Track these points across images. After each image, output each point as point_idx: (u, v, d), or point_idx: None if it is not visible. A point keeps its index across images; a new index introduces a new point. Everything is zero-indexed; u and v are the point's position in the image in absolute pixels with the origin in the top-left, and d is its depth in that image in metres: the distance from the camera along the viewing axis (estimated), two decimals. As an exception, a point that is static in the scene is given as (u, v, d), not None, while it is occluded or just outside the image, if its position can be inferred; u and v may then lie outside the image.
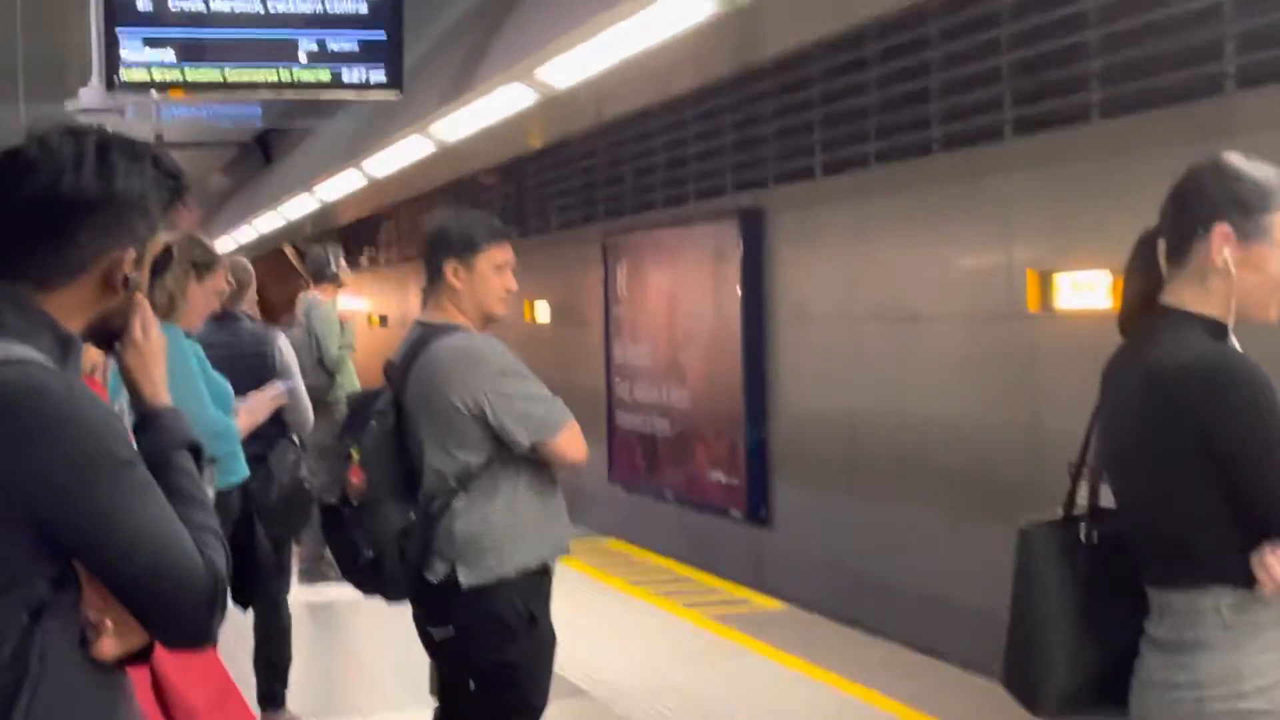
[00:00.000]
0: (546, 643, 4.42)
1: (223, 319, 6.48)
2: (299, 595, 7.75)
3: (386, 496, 4.25)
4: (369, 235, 22.29)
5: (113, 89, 8.56)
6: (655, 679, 7.40)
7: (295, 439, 6.61)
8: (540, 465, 4.35)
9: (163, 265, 2.33)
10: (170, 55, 8.26)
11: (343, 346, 9.79)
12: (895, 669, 7.44)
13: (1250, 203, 2.87)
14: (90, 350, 2.60)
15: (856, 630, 8.37)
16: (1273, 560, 2.72)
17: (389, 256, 21.45)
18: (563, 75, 8.63)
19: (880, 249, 8.99)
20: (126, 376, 2.33)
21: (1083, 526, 3.01)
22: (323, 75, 8.43)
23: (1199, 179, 2.92)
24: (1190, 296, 2.89)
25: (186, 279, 5.46)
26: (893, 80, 8.65)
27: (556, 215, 14.50)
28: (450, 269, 4.41)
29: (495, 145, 12.17)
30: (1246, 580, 2.75)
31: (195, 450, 2.31)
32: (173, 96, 8.90)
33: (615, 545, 11.66)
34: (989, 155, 7.89)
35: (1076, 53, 7.19)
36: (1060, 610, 2.98)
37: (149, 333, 2.33)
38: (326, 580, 8.78)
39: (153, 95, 8.80)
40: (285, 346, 6.79)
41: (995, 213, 7.88)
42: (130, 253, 2.22)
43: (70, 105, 10.02)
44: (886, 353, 8.91)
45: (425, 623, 4.43)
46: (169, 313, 5.37)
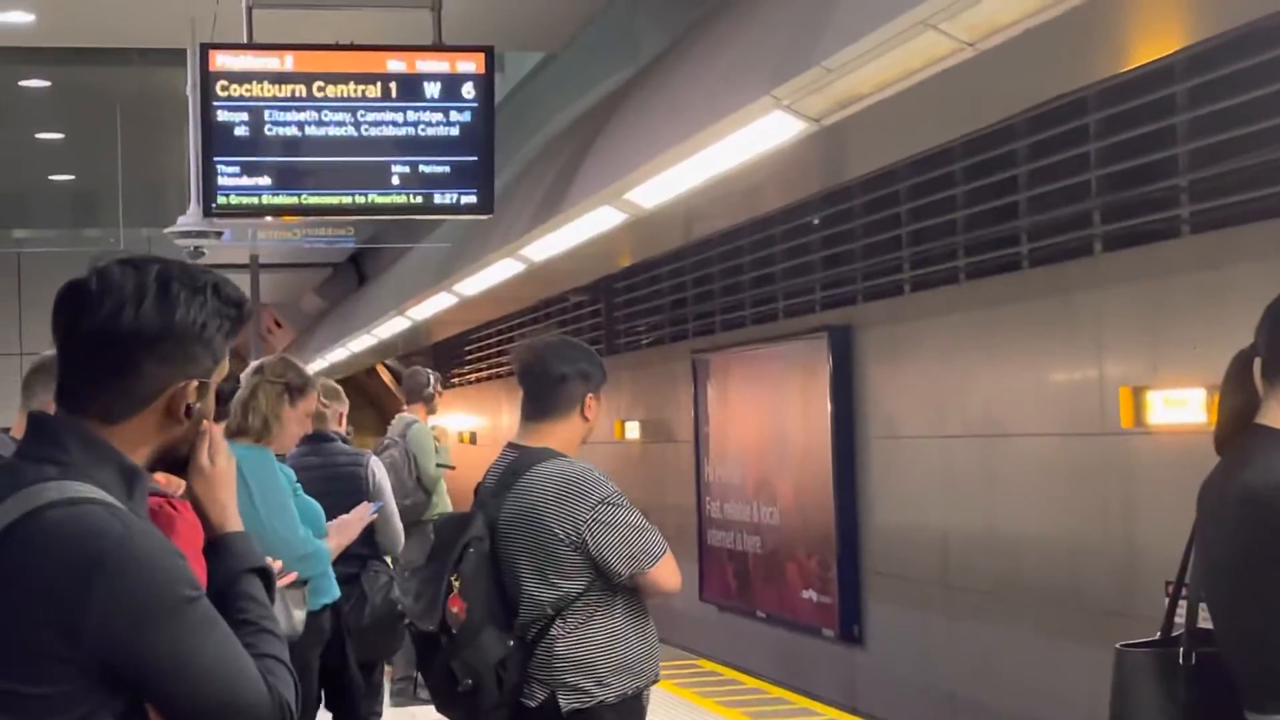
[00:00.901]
0: (645, 766, 4.39)
1: (315, 440, 6.53)
2: (390, 716, 7.74)
3: (484, 624, 4.24)
4: (458, 353, 22.45)
5: (210, 215, 8.72)
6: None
7: (387, 560, 6.63)
8: (635, 592, 4.34)
9: (231, 390, 2.35)
10: (267, 180, 8.41)
11: (440, 465, 9.84)
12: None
13: None
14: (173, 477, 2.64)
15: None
16: None
17: (478, 374, 21.59)
18: (651, 196, 8.69)
19: (970, 365, 8.96)
20: (194, 502, 2.34)
21: (1182, 649, 2.96)
22: (415, 199, 8.54)
23: None
24: None
25: (280, 402, 5.51)
26: (981, 196, 8.66)
27: (646, 333, 14.56)
28: (589, 401, 4.44)
29: (585, 264, 12.25)
30: None
31: (265, 575, 2.32)
32: (269, 221, 9.04)
33: (707, 665, 11.58)
34: (1079, 270, 7.87)
35: (1166, 167, 7.17)
36: None
37: (215, 459, 2.33)
38: (418, 701, 8.77)
39: (250, 221, 8.94)
40: (378, 467, 6.82)
41: (1086, 329, 7.83)
42: (193, 383, 2.24)
43: (169, 231, 10.21)
44: (978, 470, 8.84)
45: (523, 750, 4.40)
46: (262, 435, 5.43)
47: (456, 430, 21.70)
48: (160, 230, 10.97)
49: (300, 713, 2.23)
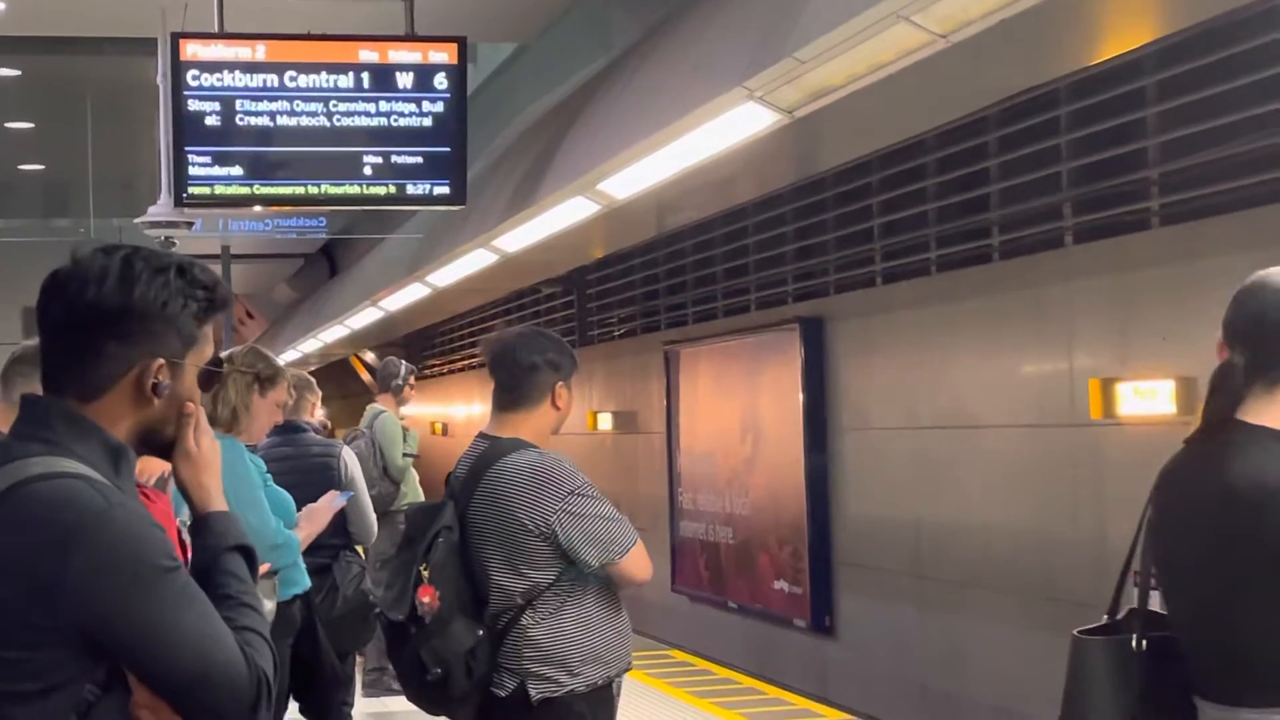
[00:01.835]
0: (615, 755, 4.40)
1: (286, 430, 6.52)
2: (363, 706, 7.73)
3: (454, 614, 4.24)
4: (431, 344, 22.43)
5: (181, 205, 8.70)
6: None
7: (359, 551, 6.62)
8: (607, 582, 4.35)
9: (217, 378, 2.37)
10: (238, 170, 8.39)
11: (406, 455, 9.83)
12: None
13: None
14: (153, 461, 2.65)
15: (923, 742, 8.27)
16: None
17: (451, 366, 21.57)
18: (624, 187, 8.70)
19: (942, 357, 8.98)
20: (180, 484, 2.39)
21: (1135, 635, 2.98)
22: (387, 189, 8.54)
23: None
24: (1268, 414, 2.87)
25: (249, 392, 5.50)
26: (952, 189, 8.69)
27: (618, 324, 14.57)
28: (560, 390, 4.44)
29: (557, 255, 12.25)
30: None
31: (247, 553, 2.35)
32: (240, 211, 9.02)
33: (679, 656, 11.60)
34: (1050, 263, 7.90)
35: (1136, 160, 7.21)
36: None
37: (200, 442, 2.38)
38: (390, 691, 8.77)
39: (221, 212, 8.91)
40: (350, 458, 6.81)
41: (1057, 321, 7.86)
42: (158, 361, 2.27)
43: (139, 221, 10.17)
44: (949, 461, 8.87)
45: (493, 737, 4.40)
46: (231, 426, 5.41)
47: (430, 420, 21.68)
48: (131, 220, 10.92)
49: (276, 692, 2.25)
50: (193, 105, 8.30)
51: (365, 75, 8.42)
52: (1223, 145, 6.62)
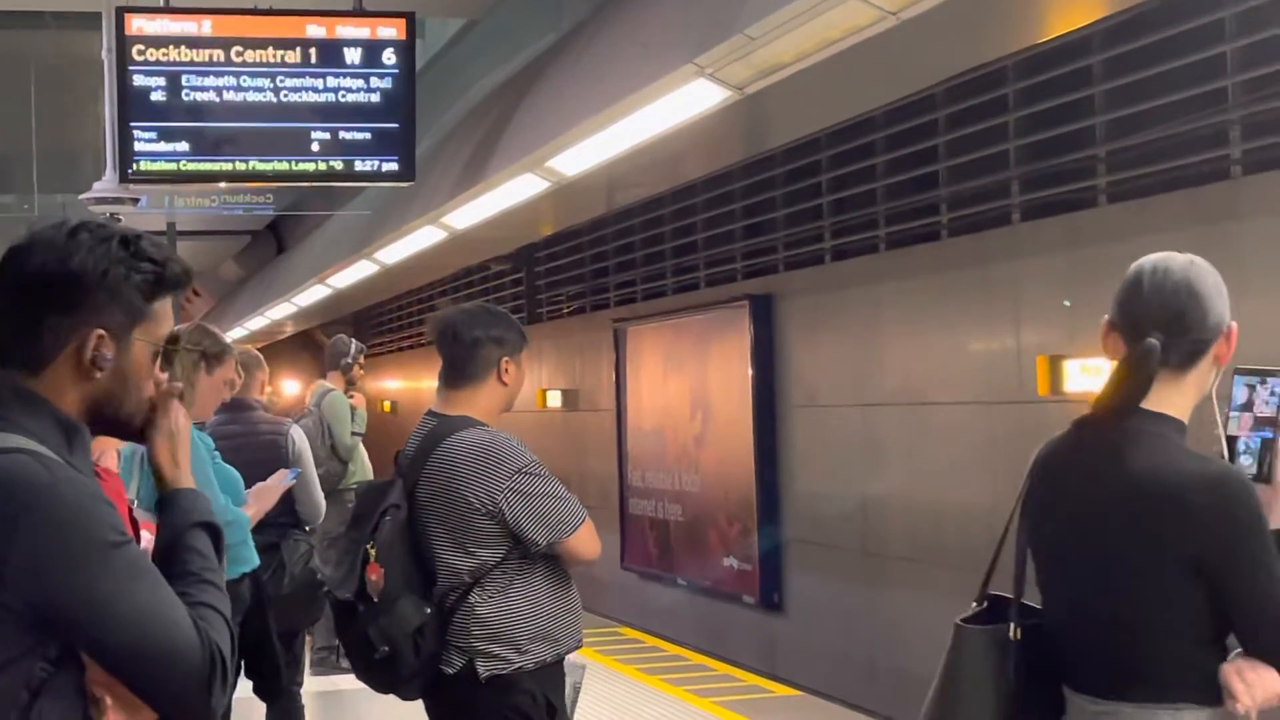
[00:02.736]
0: (565, 732, 4.40)
1: (234, 408, 6.48)
2: (311, 685, 7.71)
3: (402, 592, 4.23)
4: (379, 322, 22.35)
5: (127, 181, 8.62)
6: (669, 768, 7.34)
7: (307, 529, 6.60)
8: (555, 560, 4.34)
9: (168, 355, 2.35)
10: (184, 146, 8.32)
11: (354, 433, 9.80)
12: (910, 757, 7.38)
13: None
14: (107, 440, 2.63)
15: (870, 717, 8.30)
16: (1253, 677, 2.66)
17: (399, 344, 21.50)
18: (573, 164, 8.68)
19: (890, 334, 9.01)
20: (153, 460, 2.37)
21: (1011, 623, 2.93)
22: (335, 165, 8.48)
23: (1197, 286, 2.85)
24: (1170, 400, 2.83)
25: (196, 370, 5.46)
26: (901, 166, 8.71)
27: (568, 302, 14.56)
28: (505, 365, 4.42)
29: (506, 232, 12.23)
30: (1213, 698, 2.70)
31: (213, 531, 2.33)
32: (186, 188, 8.95)
33: (628, 633, 11.61)
34: (998, 240, 7.93)
35: (1083, 138, 7.24)
36: (987, 712, 2.92)
37: (178, 420, 2.38)
38: (339, 670, 8.75)
39: (167, 188, 8.84)
40: (298, 436, 6.78)
41: (1004, 298, 7.90)
42: (97, 333, 2.24)
43: (84, 197, 10.09)
44: (898, 437, 8.91)
45: (442, 715, 4.40)
46: (179, 404, 5.38)
47: (383, 400, 21.61)
48: (76, 196, 10.83)
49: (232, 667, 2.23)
50: (138, 80, 8.22)
51: (313, 50, 8.36)
52: (1170, 123, 6.66)
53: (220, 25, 8.33)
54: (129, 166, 8.31)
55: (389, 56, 8.44)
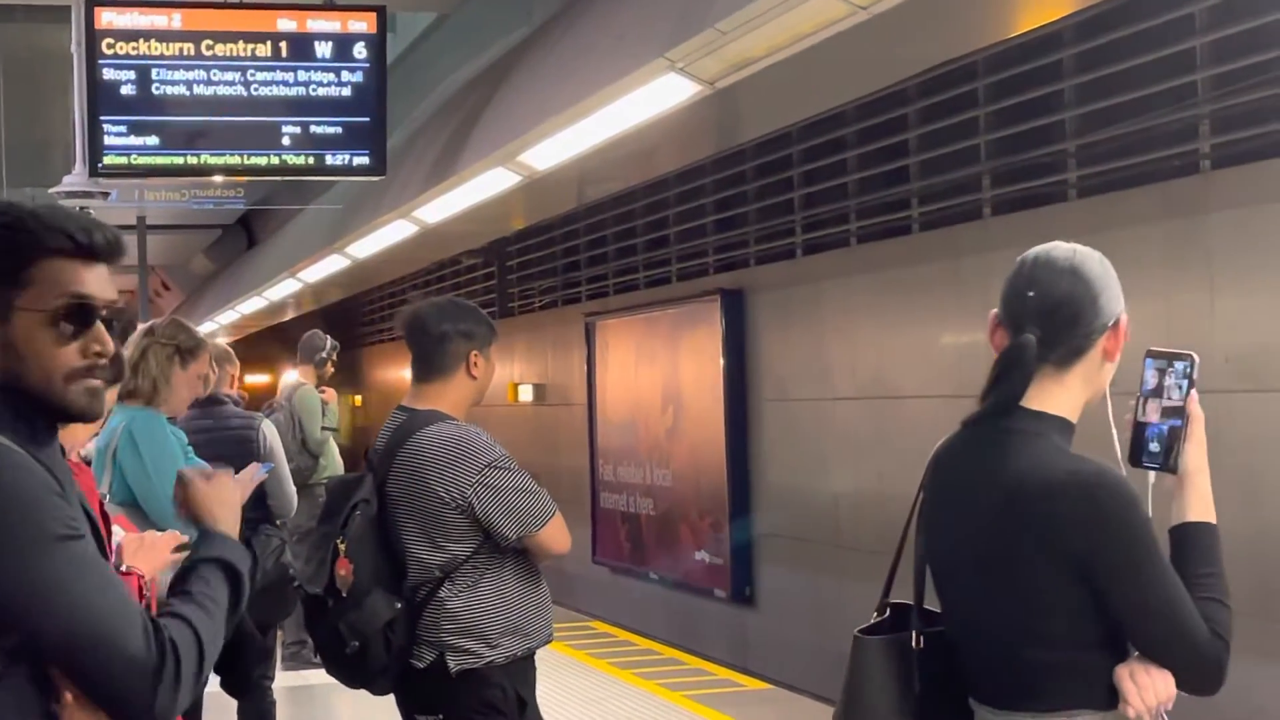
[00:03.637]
0: (536, 727, 4.40)
1: (207, 403, 6.47)
2: (282, 680, 7.70)
3: (372, 587, 4.22)
4: (350, 316, 22.30)
5: (96, 175, 8.60)
6: (641, 762, 7.34)
7: (279, 523, 6.59)
8: (525, 554, 4.34)
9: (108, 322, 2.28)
10: (154, 140, 8.30)
11: (325, 428, 9.78)
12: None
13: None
14: (78, 429, 2.62)
15: (842, 710, 8.32)
16: (1145, 679, 2.60)
17: (369, 340, 21.46)
18: (544, 158, 8.67)
19: (862, 328, 9.03)
20: (191, 509, 2.50)
21: (914, 631, 2.87)
22: (306, 159, 8.47)
23: (1080, 277, 2.77)
24: (1053, 399, 2.73)
25: (170, 364, 5.44)
26: (872, 161, 8.72)
27: (539, 295, 14.55)
28: (474, 359, 4.41)
29: (478, 226, 12.21)
30: (1109, 702, 2.63)
31: (233, 573, 2.39)
32: (156, 182, 8.92)
33: (600, 627, 11.62)
34: (969, 234, 7.95)
35: (1054, 132, 7.26)
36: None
37: (228, 494, 2.56)
38: (310, 665, 8.73)
39: (137, 182, 8.81)
40: (270, 430, 6.77)
41: (975, 292, 7.92)
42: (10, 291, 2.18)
43: (54, 190, 10.05)
44: (869, 431, 8.93)
45: (412, 709, 4.40)
46: (151, 398, 5.36)
47: (354, 396, 21.58)
48: (46, 190, 10.78)
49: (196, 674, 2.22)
50: (108, 74, 8.19)
51: (283, 44, 8.35)
52: (1139, 118, 6.68)
53: (190, 19, 8.31)
54: (99, 160, 8.29)
55: (360, 50, 8.44)
